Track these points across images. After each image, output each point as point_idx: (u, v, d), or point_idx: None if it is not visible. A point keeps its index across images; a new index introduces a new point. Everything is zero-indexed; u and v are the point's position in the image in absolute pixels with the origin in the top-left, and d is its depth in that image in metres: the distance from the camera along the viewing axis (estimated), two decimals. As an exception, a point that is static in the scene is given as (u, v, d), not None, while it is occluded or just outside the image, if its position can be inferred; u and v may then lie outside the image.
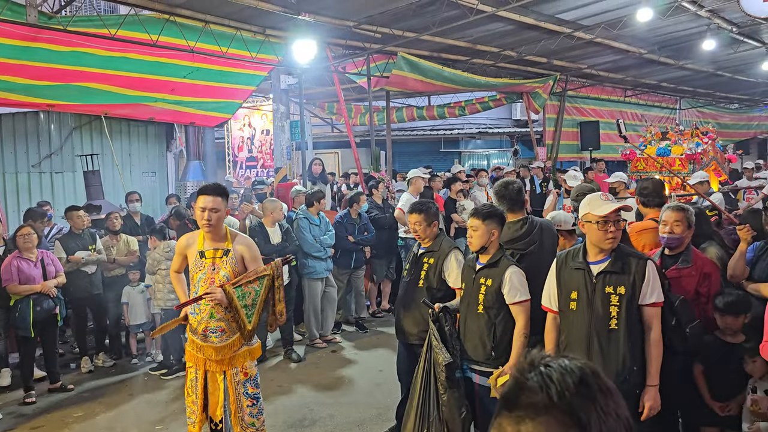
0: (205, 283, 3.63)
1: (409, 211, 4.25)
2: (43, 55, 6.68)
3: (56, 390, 5.92)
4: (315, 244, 6.94)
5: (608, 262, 3.02)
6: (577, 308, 3.08)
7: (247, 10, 7.58)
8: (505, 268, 3.46)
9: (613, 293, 2.98)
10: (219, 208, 3.61)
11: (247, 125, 14.29)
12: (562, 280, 3.17)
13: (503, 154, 19.35)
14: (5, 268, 5.70)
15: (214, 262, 3.65)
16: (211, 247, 3.67)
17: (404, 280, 4.29)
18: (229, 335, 3.67)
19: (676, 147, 9.24)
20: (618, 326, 2.96)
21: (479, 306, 3.50)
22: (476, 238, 3.51)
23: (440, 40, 9.73)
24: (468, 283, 3.64)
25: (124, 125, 11.62)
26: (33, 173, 10.38)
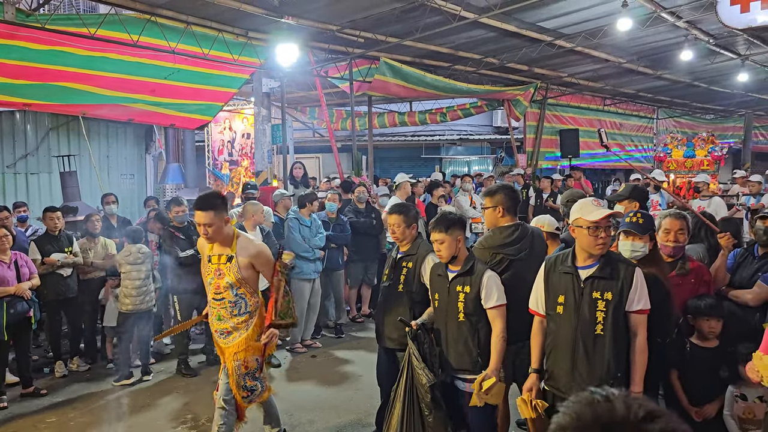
0: (211, 287, 3.81)
1: (389, 213, 4.24)
2: (20, 53, 6.56)
3: (29, 395, 5.78)
4: (303, 244, 6.90)
5: (596, 268, 3.02)
6: (563, 312, 3.07)
7: (229, 12, 7.53)
8: (482, 273, 3.47)
9: (600, 299, 2.98)
10: (212, 222, 3.65)
11: (227, 128, 14.16)
12: (550, 283, 3.17)
13: (484, 161, 19.46)
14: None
15: (219, 268, 3.77)
16: (217, 253, 3.78)
17: (384, 285, 4.27)
18: (234, 336, 3.83)
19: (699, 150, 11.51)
20: (604, 332, 2.96)
21: (459, 314, 3.48)
22: (444, 249, 3.51)
23: (423, 45, 9.77)
24: (442, 293, 3.60)
25: (103, 126, 11.48)
26: (8, 174, 10.20)
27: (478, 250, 3.85)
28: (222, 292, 3.79)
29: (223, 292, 3.79)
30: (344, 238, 7.52)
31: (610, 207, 3.87)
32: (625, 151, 17.80)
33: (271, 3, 7.42)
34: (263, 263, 3.86)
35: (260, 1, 7.35)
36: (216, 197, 3.79)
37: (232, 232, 3.83)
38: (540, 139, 14.78)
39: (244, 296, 3.82)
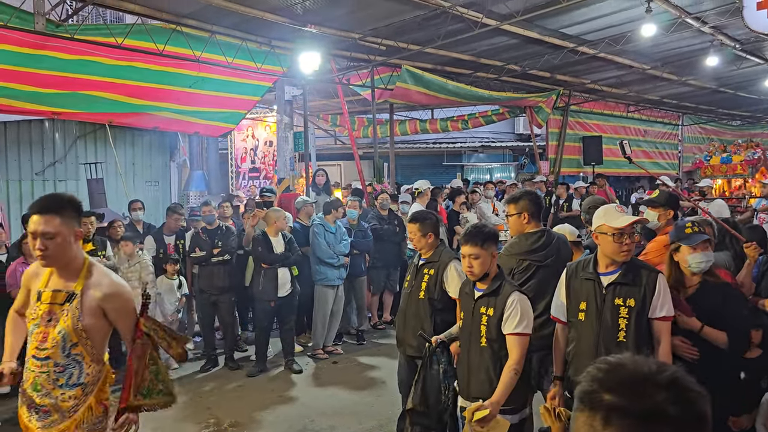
0: (36, 337, 2.53)
1: (408, 221, 4.24)
2: (49, 63, 6.71)
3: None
4: (327, 250, 6.94)
5: (619, 274, 3.00)
6: (585, 319, 3.05)
7: (253, 21, 7.62)
8: (508, 294, 3.10)
9: (622, 305, 2.95)
10: (57, 231, 2.49)
11: (250, 136, 14.31)
12: (572, 290, 3.15)
13: (506, 168, 19.37)
14: (10, 274, 5.70)
15: (52, 309, 2.53)
16: (53, 287, 2.57)
17: (405, 291, 4.26)
18: (55, 419, 2.55)
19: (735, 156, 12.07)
20: (626, 339, 2.92)
21: (482, 339, 3.16)
22: (478, 266, 3.13)
23: (444, 53, 9.78)
24: (467, 313, 3.30)
25: (129, 134, 11.64)
26: (37, 181, 10.38)
27: (504, 257, 3.84)
28: (48, 348, 2.50)
29: (50, 348, 2.50)
30: (366, 245, 7.53)
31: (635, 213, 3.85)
32: (649, 158, 17.59)
33: (295, 12, 7.49)
34: (121, 312, 2.63)
35: (283, 11, 7.43)
36: (68, 200, 2.59)
37: (82, 258, 2.63)
38: (563, 146, 14.68)
39: (79, 359, 2.56)
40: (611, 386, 0.95)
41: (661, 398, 0.93)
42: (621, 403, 0.93)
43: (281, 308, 6.62)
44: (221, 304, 6.70)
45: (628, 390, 0.94)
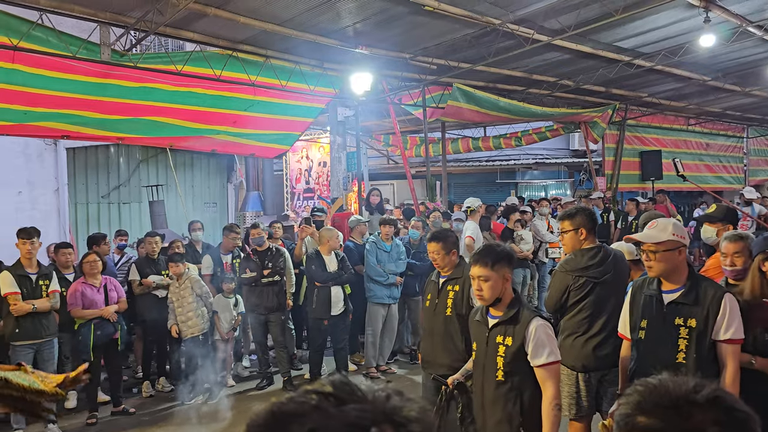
0: None
1: (428, 240, 4.20)
2: (114, 90, 7.03)
3: (119, 413, 6.07)
4: (376, 268, 6.97)
5: (681, 293, 2.89)
6: (645, 337, 2.97)
7: (306, 45, 7.79)
8: (528, 321, 2.83)
9: (683, 325, 2.83)
10: None
11: (304, 157, 14.56)
12: (635, 307, 3.07)
13: (561, 185, 19.03)
14: (71, 293, 5.95)
15: None
16: None
17: (427, 310, 4.18)
18: None
19: None
20: (686, 360, 2.81)
21: (498, 372, 2.89)
22: (488, 289, 2.87)
23: (496, 70, 9.74)
24: (480, 344, 3.03)
25: (188, 157, 12.07)
26: (102, 204, 10.87)
27: (560, 273, 3.77)
28: None
29: None
30: (424, 268, 7.27)
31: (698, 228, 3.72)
32: (712, 172, 16.96)
33: (346, 34, 7.62)
34: None
35: (335, 34, 7.58)
36: None
37: None
38: (620, 162, 14.32)
39: None
40: (647, 408, 0.89)
41: (700, 419, 0.85)
42: (656, 426, 0.87)
43: (334, 327, 6.67)
44: (271, 323, 6.80)
45: (664, 411, 0.87)
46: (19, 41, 5.91)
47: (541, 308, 9.37)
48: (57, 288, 5.83)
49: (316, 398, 0.68)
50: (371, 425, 0.64)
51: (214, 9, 6.43)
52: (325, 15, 6.94)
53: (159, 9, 6.14)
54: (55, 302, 5.75)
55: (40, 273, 5.74)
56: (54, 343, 5.75)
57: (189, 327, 6.42)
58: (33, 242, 5.70)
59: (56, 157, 9.81)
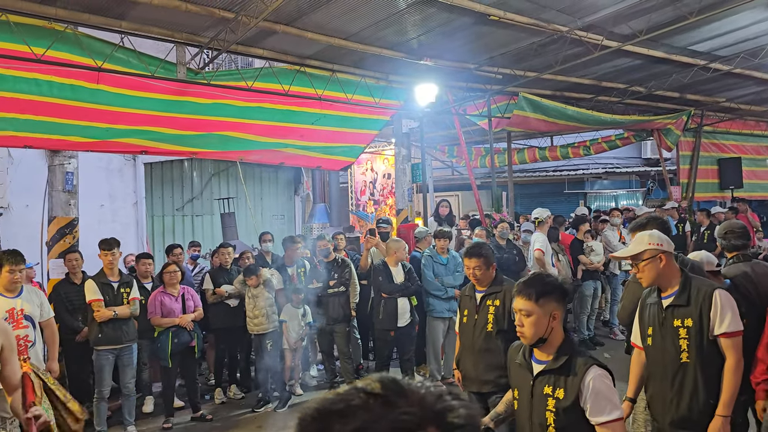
0: None
1: (465, 255, 4.13)
2: (189, 107, 7.33)
3: (196, 419, 6.27)
4: (434, 282, 6.94)
5: (675, 296, 3.00)
6: (652, 343, 3.10)
7: (371, 58, 7.89)
8: (584, 371, 2.38)
9: (681, 326, 2.96)
10: None
11: (369, 169, 14.70)
12: (643, 317, 3.20)
13: (632, 195, 18.42)
14: (151, 301, 6.22)
15: None
16: None
17: (464, 326, 4.12)
18: None
19: None
20: (690, 359, 2.93)
21: (549, 429, 2.47)
22: (529, 326, 2.45)
23: (563, 78, 9.56)
24: (523, 392, 2.60)
25: (257, 170, 12.42)
26: (177, 216, 11.31)
27: (634, 284, 3.70)
28: None
29: None
30: None
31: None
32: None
33: (411, 46, 7.68)
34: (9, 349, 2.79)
35: (400, 46, 7.64)
36: None
37: None
38: (696, 170, 13.74)
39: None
40: None
41: None
42: None
43: (400, 338, 6.67)
44: (337, 334, 6.88)
45: None
46: (103, 63, 6.26)
47: (613, 321, 9.07)
48: (137, 296, 6.09)
49: (364, 397, 0.66)
50: (417, 429, 0.62)
51: (282, 26, 6.62)
52: (390, 28, 7.02)
53: (231, 28, 6.37)
54: (135, 309, 6.01)
55: (122, 281, 6.01)
56: (133, 349, 6.00)
57: (256, 324, 6.60)
58: (114, 253, 5.99)
59: (135, 172, 10.30)
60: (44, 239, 7.43)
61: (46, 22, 5.93)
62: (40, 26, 5.93)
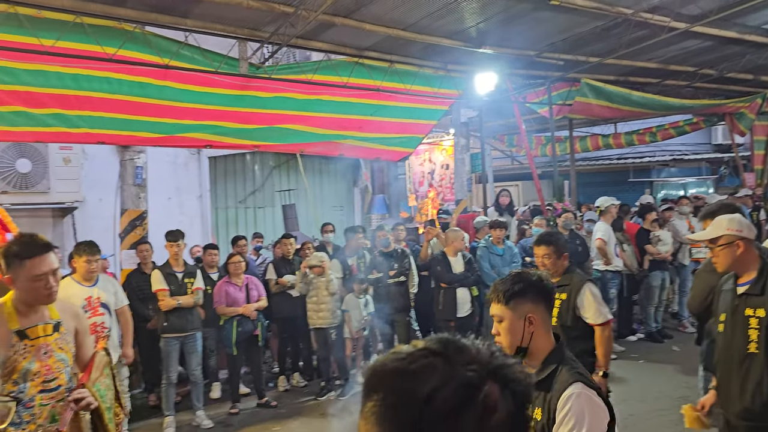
0: (37, 375, 2.64)
1: (534, 243, 4.04)
2: (251, 101, 7.49)
3: (261, 405, 6.45)
4: (490, 274, 6.90)
5: (750, 284, 2.90)
6: (723, 330, 3.02)
7: (429, 48, 7.86)
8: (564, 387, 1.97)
9: (752, 316, 2.86)
10: (58, 265, 2.74)
11: (427, 160, 14.65)
12: (718, 302, 3.13)
13: (702, 183, 17.68)
14: (216, 291, 6.42)
15: (46, 343, 2.70)
16: (33, 323, 2.68)
17: None
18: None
19: None
20: (758, 350, 2.83)
21: None
22: (504, 333, 2.09)
23: (627, 62, 9.24)
24: None
25: (317, 163, 12.59)
26: (240, 208, 11.61)
27: (704, 273, 3.56)
28: (56, 378, 2.71)
29: (58, 378, 2.71)
30: None
31: None
32: None
33: (469, 35, 7.59)
34: (85, 331, 2.96)
35: (459, 35, 7.57)
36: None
37: None
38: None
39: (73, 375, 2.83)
40: None
41: None
42: None
43: (461, 329, 6.64)
44: (397, 323, 6.91)
45: None
46: (169, 60, 6.48)
47: (682, 313, 8.77)
48: (201, 285, 6.28)
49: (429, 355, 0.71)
50: (482, 384, 0.67)
51: (341, 18, 6.67)
52: (448, 17, 6.96)
53: (291, 22, 6.46)
54: (198, 299, 6.20)
55: (186, 271, 6.22)
56: (197, 337, 6.19)
57: (319, 318, 6.70)
58: (179, 244, 6.20)
59: (199, 165, 10.62)
60: (117, 231, 7.77)
61: (117, 23, 6.18)
62: (111, 27, 6.19)
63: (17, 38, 5.75)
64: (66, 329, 2.79)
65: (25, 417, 2.62)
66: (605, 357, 3.77)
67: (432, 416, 0.68)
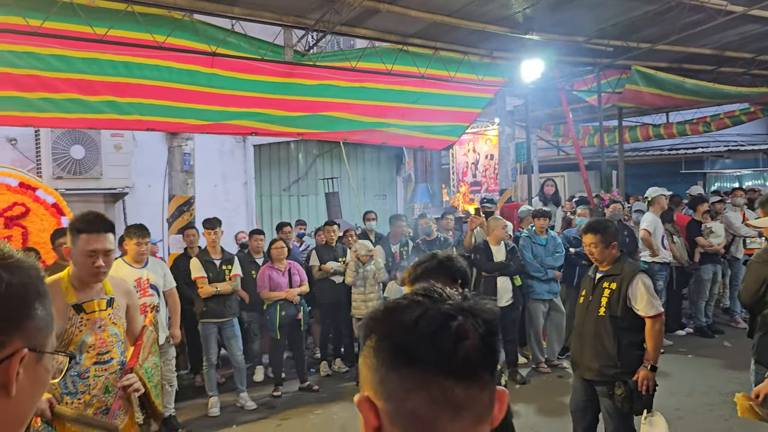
0: (92, 348, 2.76)
1: (583, 231, 3.93)
2: (296, 89, 7.55)
3: (304, 389, 6.54)
4: (534, 264, 6.82)
5: None
6: None
7: (474, 35, 7.76)
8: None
9: None
10: (114, 248, 2.85)
11: (471, 150, 14.53)
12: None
13: (758, 175, 17.01)
14: (260, 275, 6.51)
15: (101, 317, 2.81)
16: (89, 298, 2.79)
17: (580, 307, 3.97)
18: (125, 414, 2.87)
19: None
20: None
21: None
22: None
23: (680, 48, 8.95)
24: None
25: (360, 152, 12.63)
26: (284, 196, 11.76)
27: (757, 264, 3.45)
28: (109, 351, 2.82)
29: (111, 351, 2.83)
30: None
31: None
32: None
33: (516, 21, 7.47)
34: (135, 307, 3.06)
35: (505, 21, 7.46)
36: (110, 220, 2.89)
37: None
38: (835, 146, 12.47)
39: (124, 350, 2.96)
40: None
41: None
42: None
43: (503, 318, 6.59)
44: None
45: None
46: (216, 48, 6.58)
47: (735, 308, 8.48)
48: (239, 272, 6.35)
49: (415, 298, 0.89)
50: (457, 314, 0.85)
51: (386, 5, 6.65)
52: (494, 2, 6.86)
53: (336, 9, 6.48)
54: (236, 285, 6.28)
55: (224, 258, 6.31)
56: (234, 323, 6.25)
57: (367, 308, 6.74)
58: (216, 232, 6.31)
59: (245, 153, 10.78)
60: (165, 216, 7.97)
61: (166, 11, 6.30)
62: (161, 15, 6.31)
63: (72, 27, 5.92)
64: (118, 305, 2.91)
65: (81, 387, 2.73)
66: (655, 350, 3.68)
67: (418, 338, 0.83)
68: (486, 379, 0.85)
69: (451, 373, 0.82)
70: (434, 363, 0.82)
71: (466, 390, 0.82)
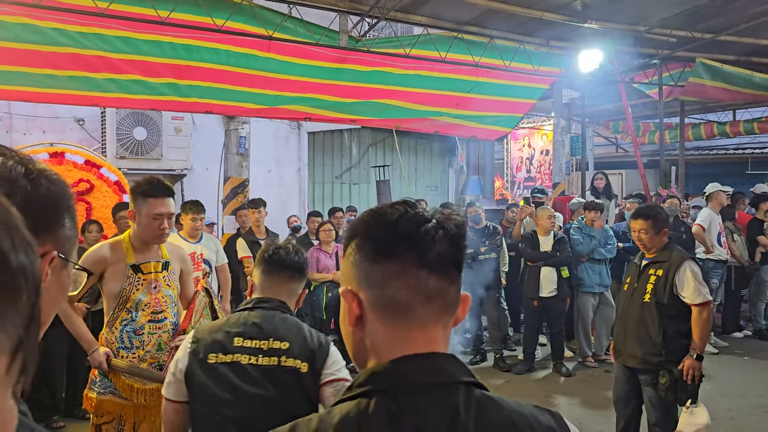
0: (147, 307, 2.96)
1: (632, 216, 3.82)
2: (349, 75, 7.64)
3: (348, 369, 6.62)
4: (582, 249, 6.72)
5: None
6: None
7: (531, 23, 7.67)
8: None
9: None
10: (174, 211, 3.02)
11: (526, 145, 14.34)
12: None
13: (833, 178, 16.13)
14: (309, 256, 6.63)
15: (156, 279, 2.99)
16: (147, 260, 2.97)
17: (624, 294, 3.90)
18: None
19: None
20: None
21: None
22: None
23: (749, 40, 8.58)
24: None
25: (412, 142, 12.64)
26: (336, 184, 11.90)
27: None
28: (164, 310, 3.02)
29: (165, 310, 3.02)
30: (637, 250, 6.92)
31: None
32: None
33: (574, 8, 7.33)
34: (189, 272, 3.23)
35: (563, 8, 7.33)
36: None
37: None
38: None
39: (178, 311, 3.14)
40: None
41: None
42: None
43: (548, 310, 6.52)
44: (486, 299, 6.85)
45: None
46: (273, 32, 6.72)
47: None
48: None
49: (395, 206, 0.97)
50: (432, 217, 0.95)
51: (441, -9, 6.65)
52: (551, -11, 6.76)
53: (390, -6, 6.52)
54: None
55: (269, 238, 6.45)
56: (278, 302, 6.40)
57: None
58: (260, 211, 6.46)
59: (299, 140, 10.96)
60: (220, 198, 8.20)
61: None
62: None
63: (136, 9, 6.17)
64: (173, 269, 3.10)
65: (136, 343, 2.94)
66: (701, 340, 3.58)
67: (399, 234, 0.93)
68: (454, 275, 0.97)
69: (426, 266, 0.92)
70: (412, 256, 0.92)
71: (437, 281, 0.94)
